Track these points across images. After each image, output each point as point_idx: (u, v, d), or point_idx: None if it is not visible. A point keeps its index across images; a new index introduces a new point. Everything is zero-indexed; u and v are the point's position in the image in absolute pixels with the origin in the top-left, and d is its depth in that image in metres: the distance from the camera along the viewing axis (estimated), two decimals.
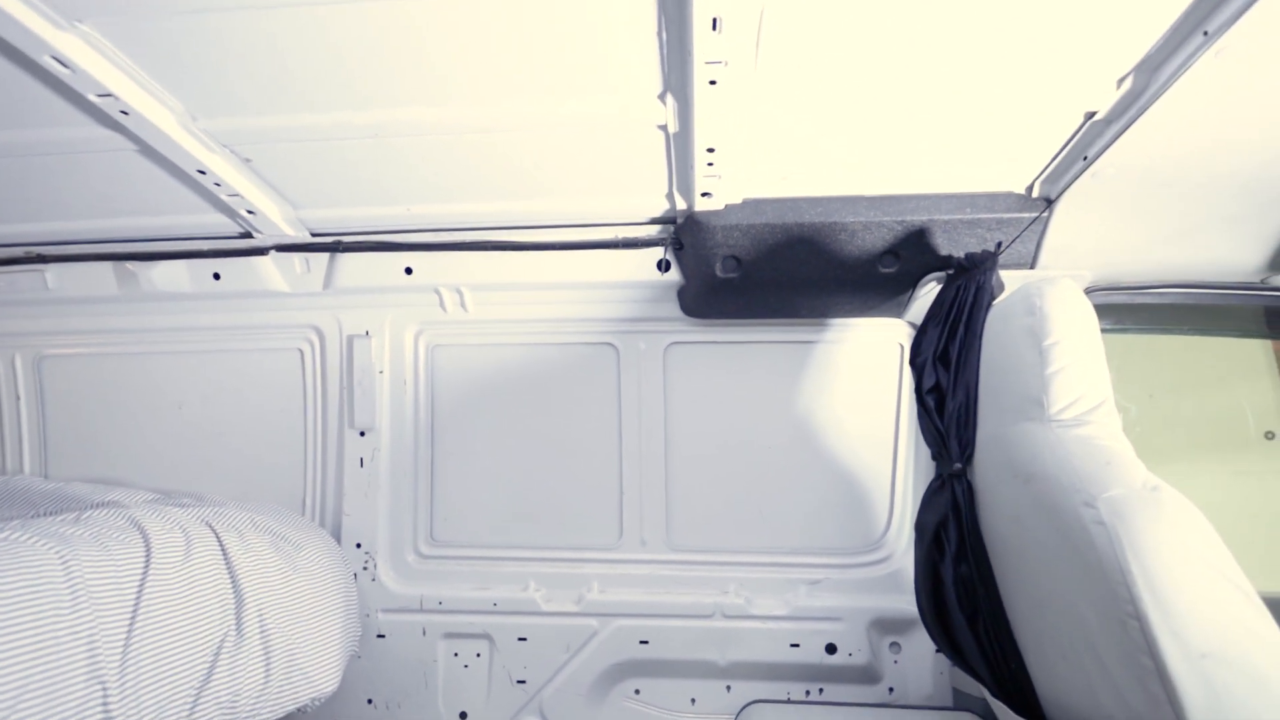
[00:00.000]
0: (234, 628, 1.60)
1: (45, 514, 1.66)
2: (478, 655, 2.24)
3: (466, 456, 2.33)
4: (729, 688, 2.17)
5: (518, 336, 2.29)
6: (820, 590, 2.18)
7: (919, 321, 1.94)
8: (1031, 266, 1.87)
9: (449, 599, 2.25)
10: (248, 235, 2.13)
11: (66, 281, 2.24)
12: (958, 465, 1.59)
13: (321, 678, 1.82)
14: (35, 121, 1.64)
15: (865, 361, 2.21)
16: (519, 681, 2.20)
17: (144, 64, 1.46)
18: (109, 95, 1.48)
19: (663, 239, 2.04)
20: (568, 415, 2.29)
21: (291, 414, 2.37)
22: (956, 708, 2.00)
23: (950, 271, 1.83)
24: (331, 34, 1.36)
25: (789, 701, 2.10)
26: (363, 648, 2.22)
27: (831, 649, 2.12)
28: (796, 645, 2.13)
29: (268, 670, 1.65)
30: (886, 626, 2.13)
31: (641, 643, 2.17)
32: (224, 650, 1.56)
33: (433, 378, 2.33)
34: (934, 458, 1.72)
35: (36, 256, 2.21)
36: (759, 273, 1.96)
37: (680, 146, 1.67)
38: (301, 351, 2.35)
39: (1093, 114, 1.50)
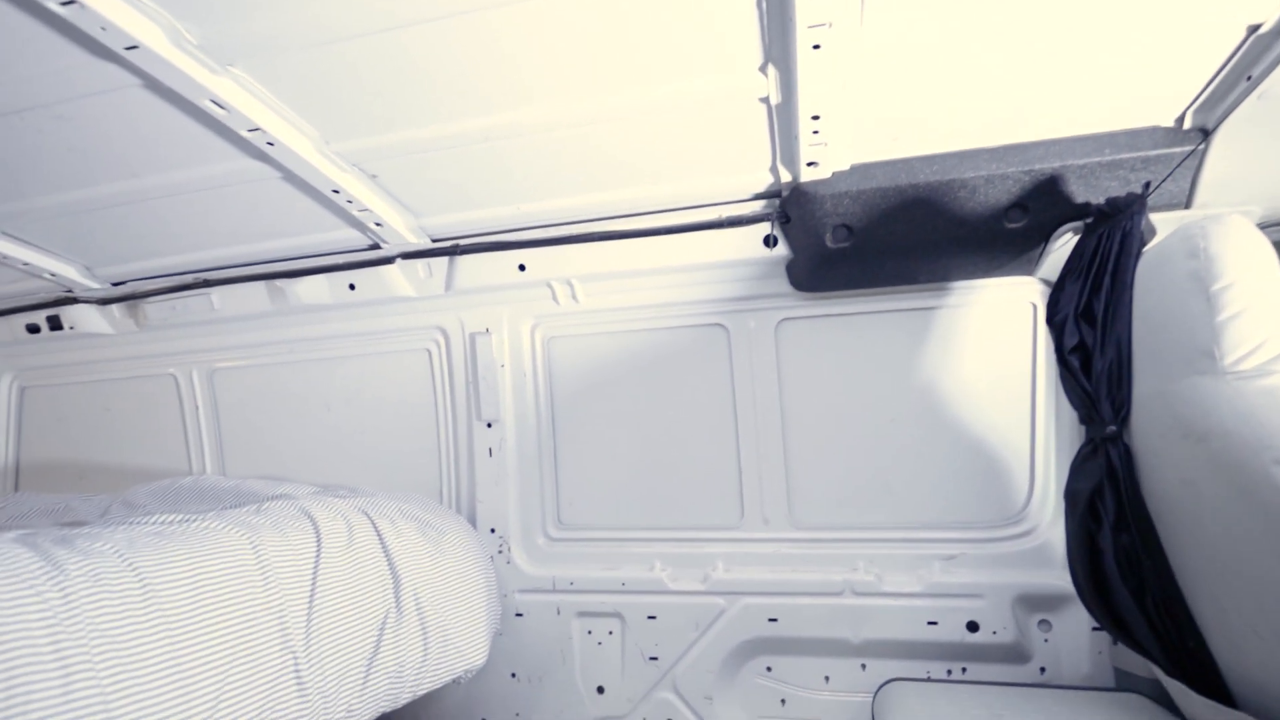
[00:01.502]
0: (394, 606, 1.75)
1: (229, 507, 1.88)
2: (610, 633, 2.32)
3: (587, 442, 2.41)
4: (864, 666, 2.13)
5: (629, 323, 2.33)
6: (957, 566, 2.09)
7: (1054, 278, 1.81)
8: (1186, 206, 1.69)
9: (579, 579, 2.34)
10: (376, 246, 2.30)
11: (228, 301, 2.51)
12: (1112, 428, 1.47)
13: (472, 651, 1.95)
14: (197, 160, 1.85)
15: (994, 324, 2.08)
16: (651, 658, 2.26)
17: (284, 98, 1.61)
18: (258, 129, 1.64)
19: (768, 214, 2.01)
20: (682, 397, 2.31)
21: (424, 410, 2.54)
22: (1120, 688, 1.86)
23: (1089, 220, 1.69)
24: (442, 49, 1.44)
25: (929, 680, 2.03)
26: (504, 625, 2.36)
27: (973, 627, 2.02)
28: (934, 623, 2.05)
29: (425, 644, 1.79)
30: (1034, 603, 2.01)
31: (770, 620, 2.17)
32: (387, 626, 1.71)
33: (550, 368, 2.42)
34: (1082, 421, 1.59)
35: (203, 282, 2.49)
36: (872, 240, 1.89)
37: (783, 117, 1.64)
38: (429, 351, 2.51)
39: (1257, 26, 1.33)
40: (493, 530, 2.42)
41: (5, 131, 1.71)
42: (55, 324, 2.68)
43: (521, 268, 2.26)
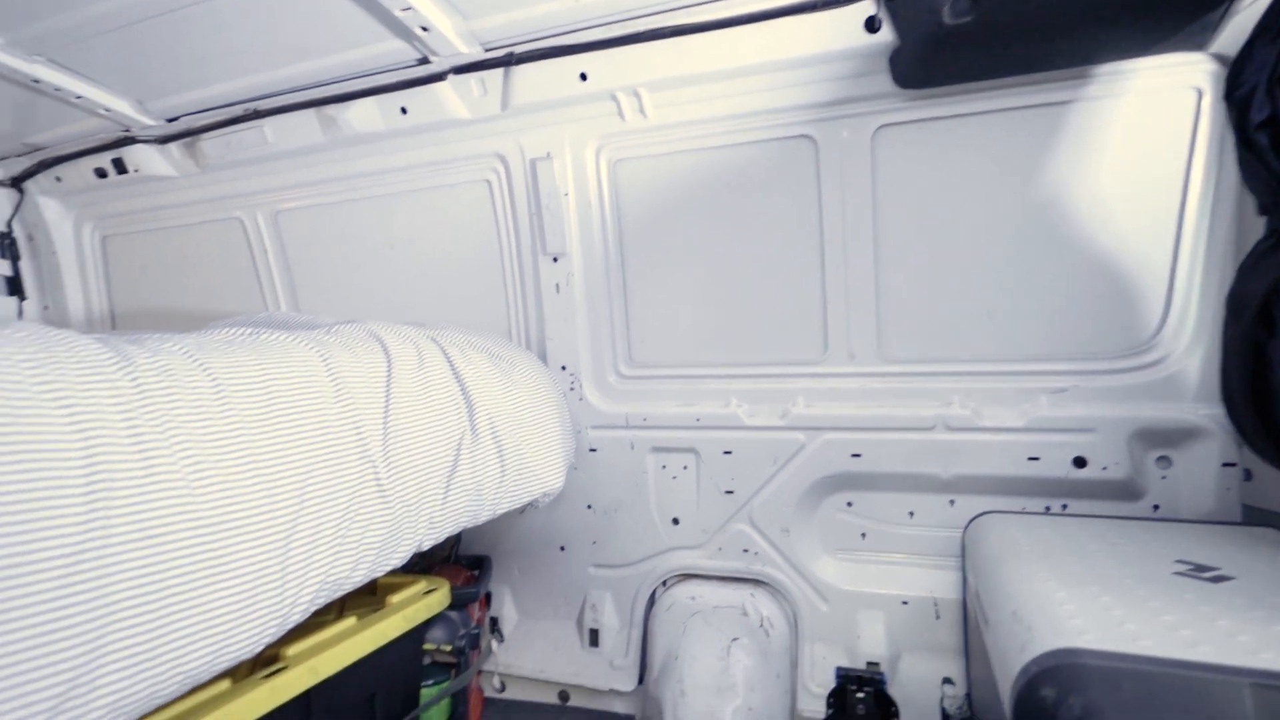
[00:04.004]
0: (469, 428, 1.73)
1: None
2: (685, 468, 2.29)
3: (658, 275, 2.27)
4: (952, 502, 2.03)
5: (702, 139, 2.09)
6: (1066, 399, 1.90)
7: (1231, 52, 1.46)
8: None
9: (653, 415, 2.29)
10: (425, 61, 2.10)
11: (281, 134, 2.39)
12: None
13: (548, 475, 1.96)
14: None
15: (1144, 118, 1.74)
16: (727, 492, 2.23)
17: None
18: None
19: None
20: (762, 222, 2.11)
21: (487, 245, 2.44)
22: (1248, 523, 1.70)
23: None
24: None
25: (1025, 513, 1.91)
26: (578, 460, 2.36)
27: (1080, 462, 1.87)
28: (1035, 459, 1.90)
29: (502, 465, 1.78)
30: (1154, 438, 1.82)
31: (853, 456, 2.07)
32: (464, 446, 1.69)
33: (618, 194, 2.23)
34: (1262, 211, 1.32)
35: (254, 113, 2.38)
36: (1000, 12, 1.55)
37: None
38: (489, 181, 2.36)
39: None
40: (563, 367, 2.37)
41: None
42: (120, 167, 2.66)
43: (583, 77, 2.03)
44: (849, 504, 2.16)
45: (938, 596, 2.04)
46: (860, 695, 2.01)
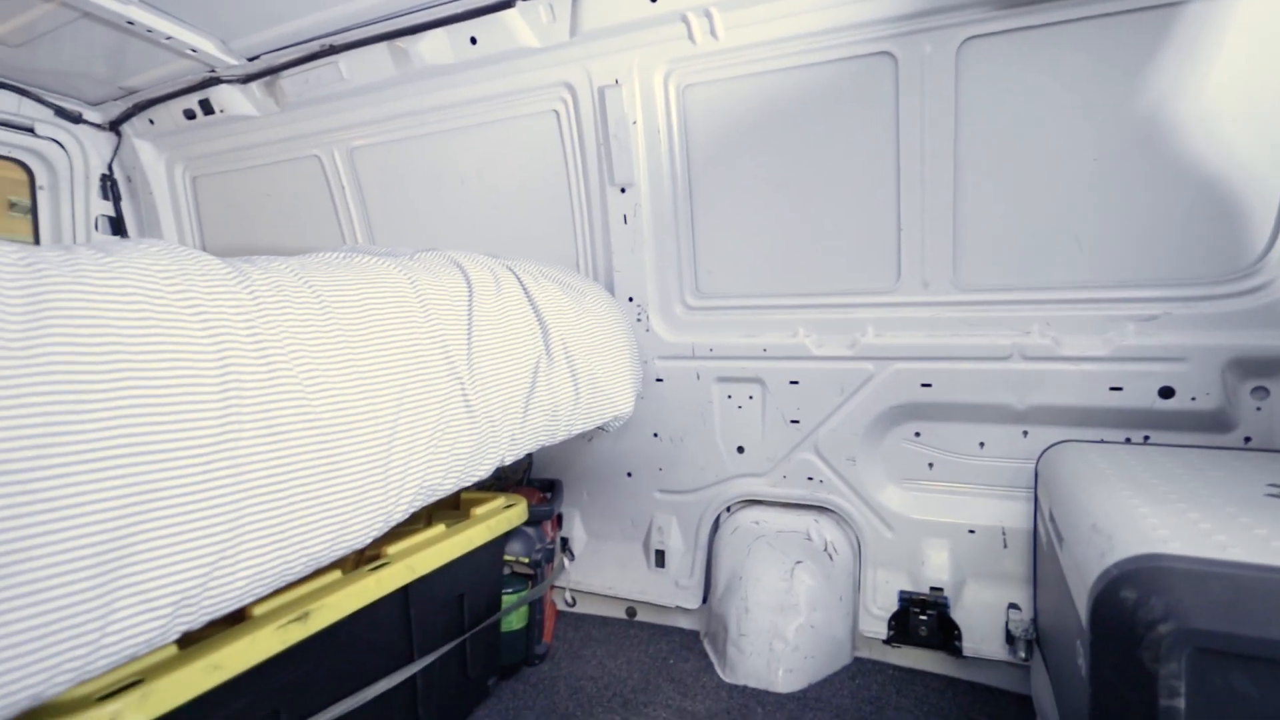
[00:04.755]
0: (545, 352, 1.79)
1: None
2: (750, 398, 2.32)
3: (726, 205, 2.25)
4: (1026, 433, 2.00)
5: (775, 60, 2.03)
6: (1156, 327, 1.82)
7: None
8: None
9: (719, 346, 2.31)
10: None
11: (355, 69, 2.45)
12: None
13: (619, 400, 2.02)
14: None
15: (1263, 18, 1.59)
16: (792, 421, 2.26)
17: None
18: None
19: None
20: (834, 147, 2.05)
21: (556, 177, 2.46)
22: None
23: None
24: None
25: (1105, 442, 1.87)
26: (645, 390, 2.42)
27: (1167, 393, 1.80)
28: (1118, 389, 1.85)
29: (576, 388, 1.85)
30: (1252, 367, 1.73)
31: (924, 386, 2.05)
32: (540, 369, 1.76)
33: (686, 122, 2.21)
34: None
35: (329, 49, 2.43)
36: None
37: None
38: (557, 112, 2.37)
39: None
40: (630, 299, 2.40)
41: None
42: (207, 108, 2.78)
43: None
44: (917, 434, 2.16)
45: (1006, 526, 2.04)
46: (923, 618, 2.05)
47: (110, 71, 2.70)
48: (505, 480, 2.62)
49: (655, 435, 2.49)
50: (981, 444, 2.07)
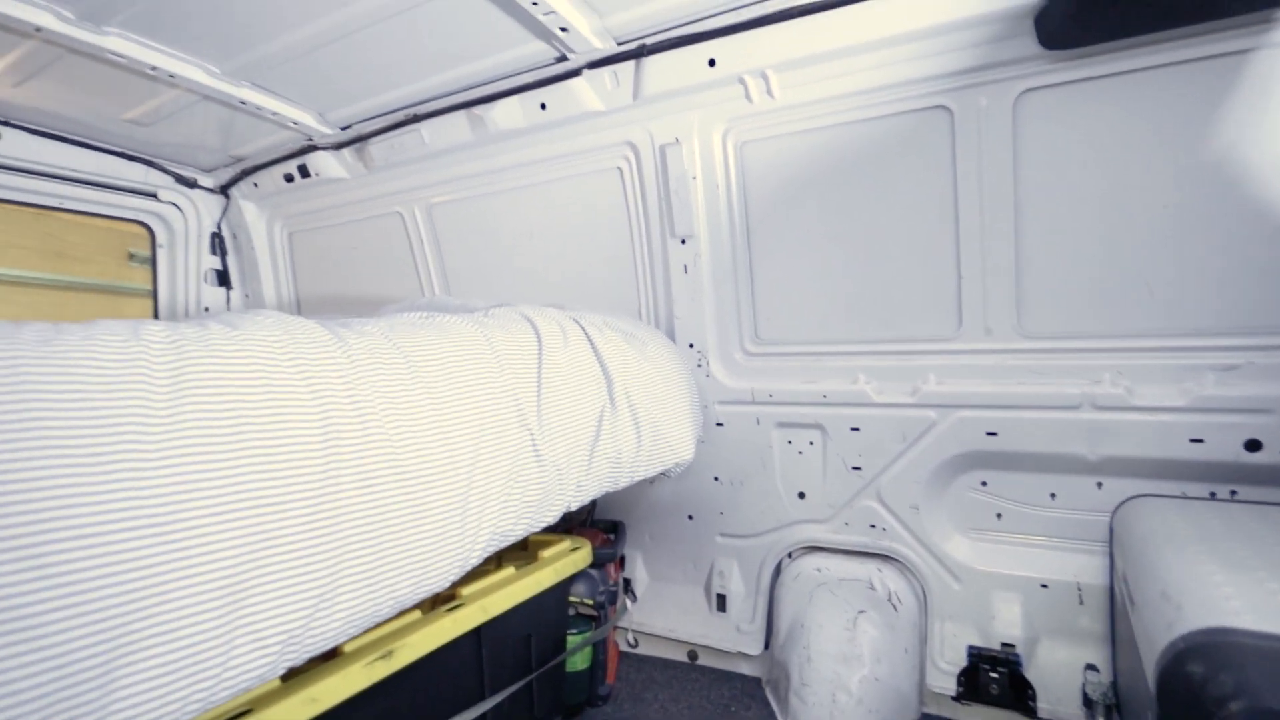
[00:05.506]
0: (609, 401, 1.88)
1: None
2: (810, 443, 2.33)
3: (785, 254, 2.31)
4: (1100, 484, 1.94)
5: (829, 117, 2.10)
6: (1238, 377, 1.75)
7: None
8: None
9: (779, 392, 2.34)
10: (563, 59, 2.25)
11: (435, 135, 2.65)
12: None
13: (680, 445, 2.08)
14: None
15: None
16: (854, 468, 2.26)
17: None
18: None
19: None
20: (892, 197, 2.09)
21: (618, 228, 2.58)
22: None
23: None
24: None
25: (1187, 499, 1.80)
26: (705, 434, 2.47)
27: (1254, 445, 1.73)
28: (1199, 441, 1.78)
29: (639, 435, 1.92)
30: None
31: (989, 434, 2.03)
32: (605, 417, 1.85)
33: (744, 176, 2.29)
34: None
35: (413, 117, 2.65)
36: None
37: None
38: (620, 170, 2.49)
39: None
40: (691, 345, 2.47)
41: None
42: (304, 172, 3.05)
43: (711, 63, 2.09)
44: (983, 483, 2.12)
45: (1082, 581, 1.97)
46: (994, 675, 1.99)
47: (222, 143, 3.02)
48: (570, 521, 2.70)
49: (716, 479, 2.53)
50: (1053, 495, 2.02)
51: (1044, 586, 2.01)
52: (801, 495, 2.38)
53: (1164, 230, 1.79)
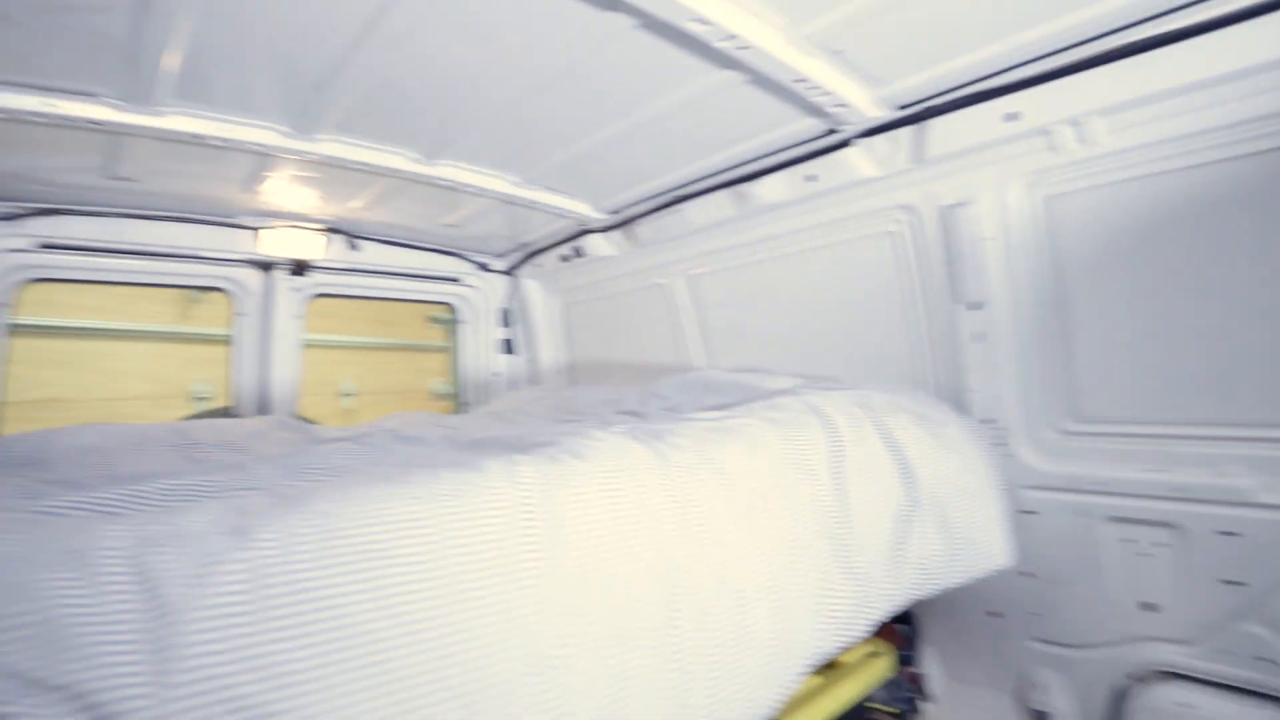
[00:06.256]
0: (913, 500, 1.72)
1: (738, 401, 2.07)
2: (1159, 544, 1.92)
3: (1111, 319, 1.96)
4: None
5: (1161, 162, 1.75)
6: None
7: None
8: None
9: (1110, 480, 1.98)
10: (833, 131, 2.18)
11: (699, 213, 2.74)
12: None
13: (994, 550, 1.84)
14: (672, 84, 1.97)
15: None
16: (1229, 582, 1.81)
17: None
18: (734, 37, 1.64)
19: None
20: (1249, 248, 1.67)
21: (888, 294, 2.41)
22: None
23: None
24: None
25: None
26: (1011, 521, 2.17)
27: None
28: None
29: (948, 540, 1.73)
30: None
31: None
32: (907, 519, 1.69)
33: (1053, 234, 2.00)
34: None
35: (678, 198, 2.77)
36: None
37: None
38: (891, 233, 2.34)
39: None
40: (989, 421, 2.20)
41: (542, 104, 2.09)
42: (579, 252, 3.35)
43: (1010, 117, 1.87)
44: None
45: None
46: None
47: (511, 232, 3.44)
48: None
49: (1028, 574, 2.19)
50: None
51: None
52: (1149, 607, 1.96)
53: None
